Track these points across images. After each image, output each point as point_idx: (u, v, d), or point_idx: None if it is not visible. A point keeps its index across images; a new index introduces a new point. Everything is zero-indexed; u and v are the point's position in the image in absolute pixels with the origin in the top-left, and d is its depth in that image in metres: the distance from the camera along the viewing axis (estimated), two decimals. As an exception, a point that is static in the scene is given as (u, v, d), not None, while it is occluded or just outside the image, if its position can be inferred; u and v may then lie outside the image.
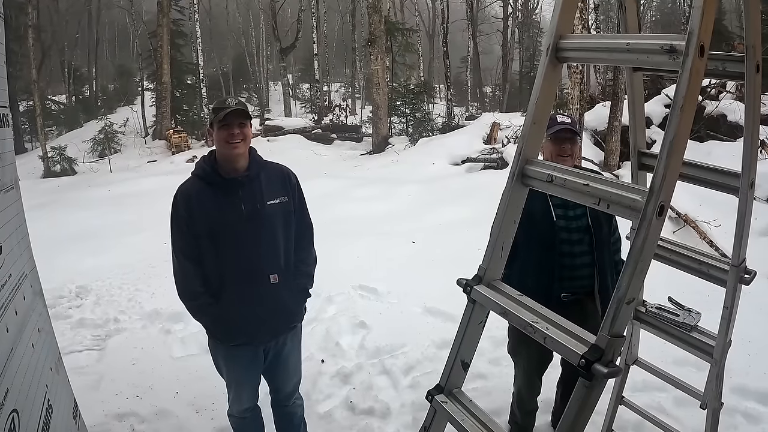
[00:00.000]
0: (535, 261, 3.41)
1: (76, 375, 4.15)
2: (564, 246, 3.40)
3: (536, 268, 3.40)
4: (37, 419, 2.32)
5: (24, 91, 26.40)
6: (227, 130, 2.99)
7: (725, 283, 2.50)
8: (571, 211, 3.40)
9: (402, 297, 6.25)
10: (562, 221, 3.39)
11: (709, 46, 1.51)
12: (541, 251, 3.40)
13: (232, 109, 2.98)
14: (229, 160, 3.07)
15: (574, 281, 3.44)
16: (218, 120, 2.98)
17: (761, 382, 4.30)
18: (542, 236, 3.39)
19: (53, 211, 11.22)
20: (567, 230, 3.40)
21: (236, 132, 3.00)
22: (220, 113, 2.98)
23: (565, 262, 3.40)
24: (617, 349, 1.55)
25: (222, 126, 2.99)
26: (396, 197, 11.05)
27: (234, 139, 3.00)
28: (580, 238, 3.41)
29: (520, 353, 3.72)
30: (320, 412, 4.30)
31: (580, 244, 3.41)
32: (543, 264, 3.40)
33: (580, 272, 3.44)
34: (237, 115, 3.00)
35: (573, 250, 3.41)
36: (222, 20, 40.01)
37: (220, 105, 3.04)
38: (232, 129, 2.99)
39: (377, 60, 18.72)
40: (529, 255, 3.39)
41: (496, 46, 42.00)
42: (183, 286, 3.16)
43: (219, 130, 3.00)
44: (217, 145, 3.07)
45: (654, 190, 1.49)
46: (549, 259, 3.40)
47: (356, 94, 36.75)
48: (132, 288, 6.83)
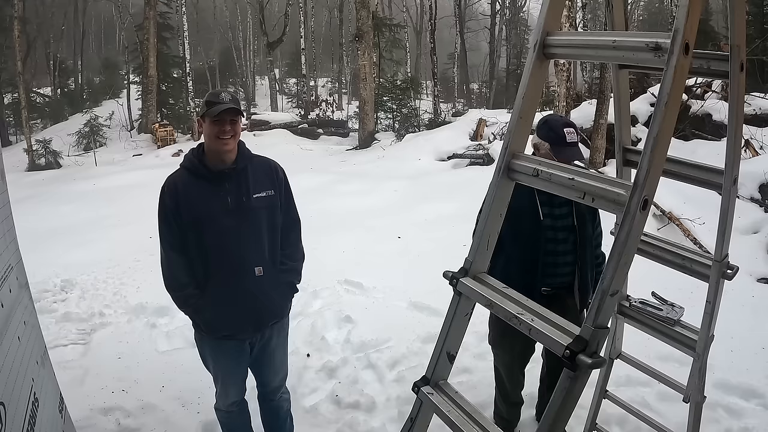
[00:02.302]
0: (520, 256, 3.43)
1: (61, 369, 4.15)
2: (549, 244, 3.42)
3: (520, 264, 3.42)
4: (23, 413, 2.32)
5: (9, 84, 26.14)
6: (219, 126, 2.99)
7: (708, 278, 2.53)
8: (557, 210, 3.42)
9: (387, 292, 6.27)
10: (548, 220, 3.41)
11: (695, 45, 1.53)
12: (526, 248, 3.42)
13: (226, 107, 2.98)
14: (218, 154, 3.07)
15: (555, 277, 3.48)
16: (211, 115, 2.98)
17: (743, 377, 4.36)
18: (528, 233, 3.40)
19: (38, 204, 11.16)
20: (552, 229, 3.42)
21: (227, 129, 3.00)
22: (214, 108, 2.97)
23: (548, 259, 3.44)
24: (601, 341, 1.57)
25: (214, 121, 2.98)
26: (382, 192, 11.06)
27: (224, 135, 3.00)
28: (564, 237, 3.44)
29: (502, 345, 3.73)
30: (306, 406, 4.30)
31: (565, 243, 3.45)
32: (527, 260, 3.42)
33: (563, 269, 3.49)
34: (230, 112, 3.00)
35: (557, 249, 3.44)
36: (209, 14, 39.74)
37: (214, 99, 3.03)
38: (224, 125, 3.00)
39: (364, 55, 18.69)
40: (514, 250, 3.41)
41: (483, 43, 42.13)
42: (169, 277, 3.17)
43: (211, 124, 2.99)
44: (207, 139, 3.06)
45: (638, 184, 1.51)
46: (533, 255, 3.42)
47: (343, 90, 36.70)
48: (117, 282, 6.81)
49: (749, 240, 7.03)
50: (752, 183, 8.15)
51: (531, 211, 3.39)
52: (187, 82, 24.27)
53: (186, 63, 24.69)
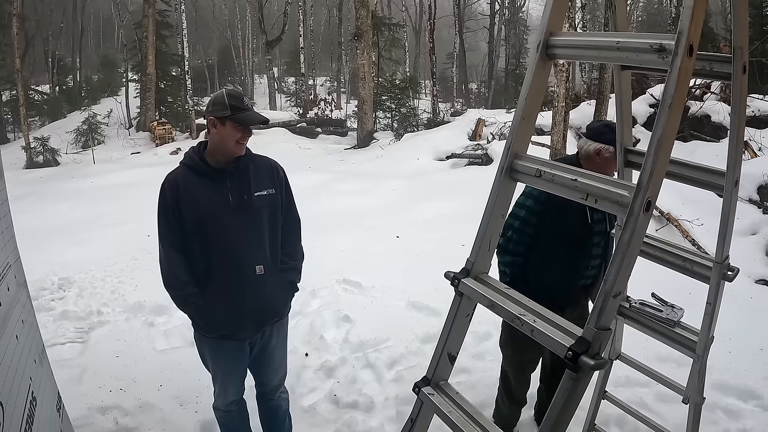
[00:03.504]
0: (560, 258, 3.44)
1: (59, 368, 4.13)
2: (594, 248, 3.49)
3: (559, 265, 3.44)
4: (21, 411, 2.30)
5: (7, 81, 26.08)
6: (243, 132, 3.01)
7: (708, 279, 2.53)
8: (596, 214, 3.45)
9: (386, 291, 6.26)
10: (595, 225, 3.44)
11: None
12: (569, 250, 3.44)
13: (259, 119, 3.05)
14: (226, 155, 3.06)
15: (585, 279, 3.58)
16: (241, 122, 2.99)
17: (741, 378, 4.36)
18: (573, 234, 3.42)
19: (36, 202, 11.13)
20: (597, 233, 3.47)
21: (249, 135, 3.05)
22: (243, 116, 2.99)
23: (590, 263, 3.51)
24: (603, 342, 1.56)
25: (238, 127, 2.99)
26: (380, 192, 11.05)
27: (244, 141, 3.04)
28: (598, 241, 3.50)
29: (514, 347, 3.72)
30: (304, 405, 4.30)
31: (598, 247, 3.51)
32: (568, 262, 3.45)
33: (590, 272, 3.57)
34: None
35: (594, 252, 3.51)
36: (208, 12, 39.65)
37: (239, 104, 3.01)
38: (248, 133, 3.04)
39: (363, 54, 18.67)
40: (552, 251, 3.43)
41: (482, 43, 42.12)
42: (168, 275, 3.14)
43: (233, 129, 2.98)
44: (222, 141, 3.02)
45: (641, 186, 1.51)
46: (577, 258, 3.47)
47: (342, 89, 36.62)
48: (115, 280, 6.79)
49: (748, 241, 7.04)
50: (751, 184, 8.16)
51: (580, 213, 3.40)
52: (186, 81, 24.22)
53: (185, 61, 24.66)
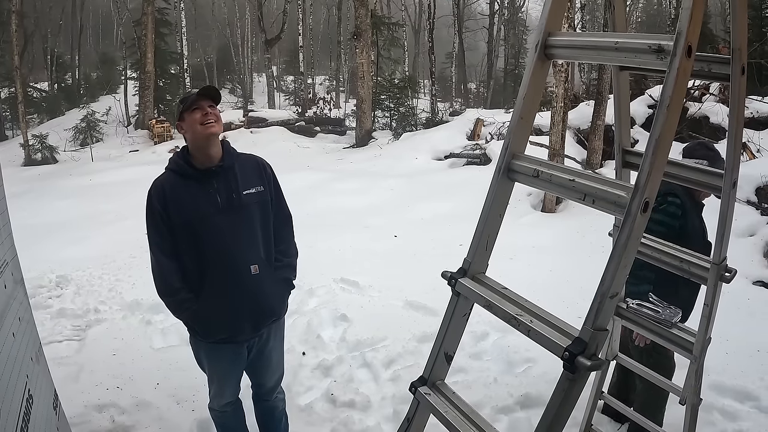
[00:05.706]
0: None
1: (55, 365, 4.14)
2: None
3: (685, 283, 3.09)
4: (17, 409, 2.30)
5: (5, 78, 26.03)
6: (199, 110, 2.97)
7: (706, 280, 2.53)
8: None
9: (383, 291, 6.26)
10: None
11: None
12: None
13: (197, 91, 3.01)
14: (205, 146, 3.02)
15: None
16: (189, 104, 2.97)
17: (738, 380, 4.37)
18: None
19: (33, 199, 11.14)
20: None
21: (208, 111, 2.98)
22: (187, 99, 3.00)
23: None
24: (600, 343, 1.57)
25: (193, 109, 2.96)
26: (379, 191, 11.07)
27: (208, 119, 2.97)
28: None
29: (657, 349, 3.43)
30: (301, 404, 4.29)
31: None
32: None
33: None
34: (206, 96, 3.00)
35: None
36: (207, 10, 39.58)
37: (186, 95, 3.07)
38: (204, 108, 2.97)
39: (362, 54, 18.66)
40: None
41: (481, 43, 42.14)
42: (161, 283, 3.10)
43: (191, 113, 2.97)
44: (191, 132, 3.01)
45: (639, 187, 1.51)
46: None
47: (340, 88, 36.59)
48: (112, 278, 6.80)
49: (745, 243, 7.05)
50: (749, 186, 8.18)
51: (700, 231, 3.38)
52: (185, 79, 24.26)
53: (183, 59, 24.72)
